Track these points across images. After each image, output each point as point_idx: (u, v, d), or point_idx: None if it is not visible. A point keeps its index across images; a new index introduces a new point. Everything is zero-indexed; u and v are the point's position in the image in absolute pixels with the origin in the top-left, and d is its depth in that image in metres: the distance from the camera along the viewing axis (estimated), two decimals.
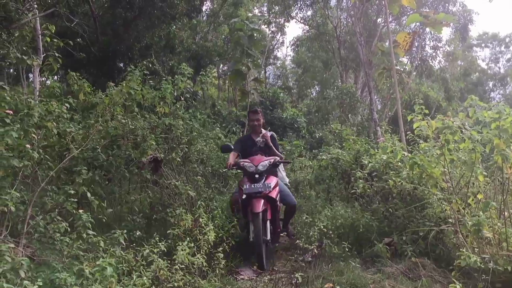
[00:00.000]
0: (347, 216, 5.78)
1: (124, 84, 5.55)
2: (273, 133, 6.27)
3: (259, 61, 11.01)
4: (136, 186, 6.04)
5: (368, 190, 5.84)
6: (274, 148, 5.96)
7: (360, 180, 5.85)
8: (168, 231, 4.50)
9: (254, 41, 10.78)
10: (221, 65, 31.10)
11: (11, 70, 17.77)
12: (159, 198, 5.75)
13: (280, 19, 29.54)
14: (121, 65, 19.58)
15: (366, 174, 6.05)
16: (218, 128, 9.07)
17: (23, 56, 7.82)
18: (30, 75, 16.09)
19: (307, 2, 26.11)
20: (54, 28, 8.55)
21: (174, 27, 18.52)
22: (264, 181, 5.24)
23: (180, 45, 20.13)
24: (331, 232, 5.19)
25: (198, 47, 21.31)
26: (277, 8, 27.79)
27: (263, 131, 6.12)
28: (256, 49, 10.60)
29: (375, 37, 20.50)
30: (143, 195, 5.88)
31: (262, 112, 6.27)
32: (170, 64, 19.27)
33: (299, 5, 26.57)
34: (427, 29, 21.52)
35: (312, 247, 4.66)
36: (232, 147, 5.95)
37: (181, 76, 6.39)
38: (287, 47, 52.33)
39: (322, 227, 5.04)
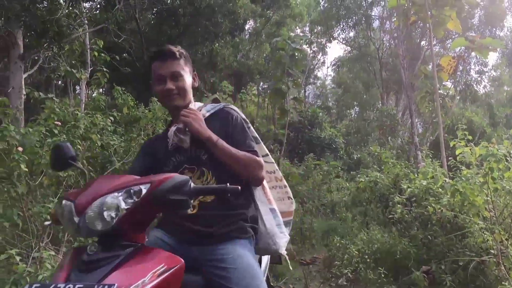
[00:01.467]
0: (384, 241, 5.65)
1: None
2: (229, 107, 2.38)
3: (299, 80, 11.01)
4: None
5: (407, 215, 5.70)
6: (221, 148, 2.13)
7: (399, 205, 5.73)
8: None
9: (295, 61, 10.83)
10: (261, 83, 31.32)
11: (59, 82, 18.46)
12: None
13: (322, 39, 29.61)
14: None
15: (405, 199, 5.92)
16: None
17: (72, 69, 8.14)
18: (77, 88, 16.68)
19: (350, 24, 26.10)
20: (103, 43, 8.88)
21: (217, 44, 18.85)
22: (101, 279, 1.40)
23: (222, 62, 20.44)
24: (366, 256, 5.09)
25: (239, 65, 21.59)
26: (319, 28, 27.88)
27: (195, 105, 2.35)
28: (297, 69, 10.60)
29: (419, 60, 20.21)
30: None
31: (187, 56, 2.35)
32: (212, 81, 19.60)
33: (341, 26, 26.58)
34: (473, 53, 21.08)
35: (347, 271, 4.58)
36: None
37: (222, 93, 6.46)
38: (328, 67, 52.28)
39: (357, 251, 4.95)
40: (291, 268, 2.63)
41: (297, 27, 27.38)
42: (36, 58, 9.58)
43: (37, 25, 7.56)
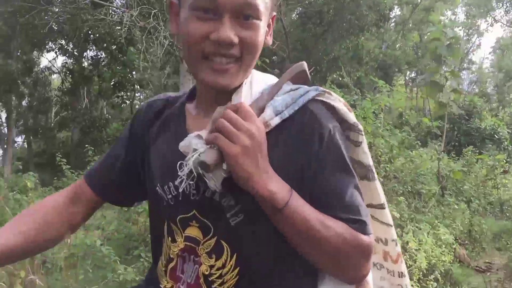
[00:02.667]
0: None
1: None
2: (325, 102, 0.98)
3: (457, 70, 10.32)
4: None
5: None
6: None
7: None
8: None
9: (452, 50, 10.15)
10: (408, 72, 30.03)
11: None
12: None
13: (479, 21, 27.31)
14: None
15: None
16: (420, 147, 8.69)
17: None
18: None
19: None
20: None
21: (362, 38, 18.53)
22: None
23: (367, 55, 20.04)
24: None
25: (385, 56, 20.95)
26: (474, 10, 25.77)
27: (252, 83, 1.01)
28: (454, 58, 9.94)
29: None
30: None
31: None
32: (357, 76, 19.31)
33: (505, 7, 24.23)
34: None
35: None
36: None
37: (379, 93, 6.32)
38: (485, 50, 48.05)
39: None
40: None
41: (447, 10, 25.64)
42: None
43: None
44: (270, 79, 1.05)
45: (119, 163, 1.14)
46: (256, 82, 1.01)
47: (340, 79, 17.54)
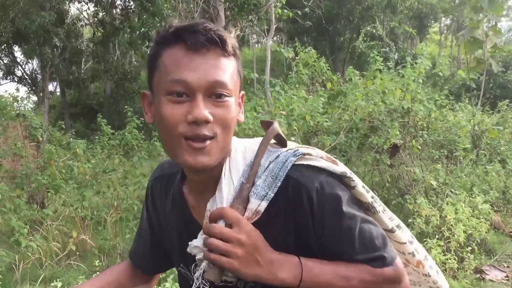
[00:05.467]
0: None
1: (367, 76, 5.72)
2: (304, 166, 0.99)
3: (498, 26, 9.93)
4: (372, 168, 6.24)
5: None
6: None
7: None
8: (409, 220, 4.62)
9: (494, 4, 9.72)
10: (443, 19, 28.93)
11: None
12: (392, 182, 5.87)
13: None
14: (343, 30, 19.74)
15: None
16: (458, 112, 8.50)
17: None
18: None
19: None
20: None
21: None
22: None
23: (402, 3, 19.35)
24: None
25: (421, 4, 20.20)
26: None
27: (231, 158, 1.05)
28: (496, 13, 9.57)
29: None
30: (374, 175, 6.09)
31: (239, 55, 1.02)
32: (391, 26, 18.77)
33: None
34: None
35: None
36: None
37: (424, 59, 6.15)
38: None
39: None
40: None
41: None
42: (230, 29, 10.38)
43: None
44: (250, 150, 1.04)
45: (149, 244, 1.27)
46: (234, 164, 1.02)
47: (373, 31, 17.14)
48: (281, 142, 1.06)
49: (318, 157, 1.01)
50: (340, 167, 1.02)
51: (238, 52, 1.00)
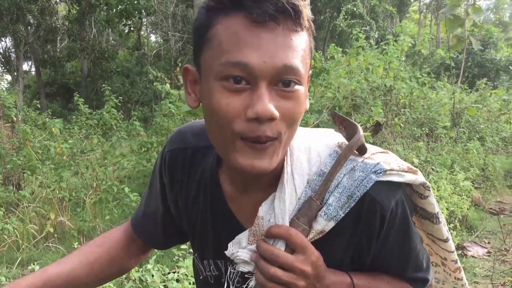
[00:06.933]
0: None
1: (350, 53, 5.66)
2: (384, 186, 0.85)
3: (478, 4, 9.96)
4: None
5: None
6: None
7: None
8: None
9: None
10: None
11: None
12: None
13: None
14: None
15: None
16: (442, 91, 8.51)
17: None
18: None
19: None
20: None
21: None
22: None
23: None
24: None
25: None
26: None
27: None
28: None
29: None
30: None
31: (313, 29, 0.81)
32: (371, 4, 18.68)
33: None
34: None
35: None
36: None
37: (406, 36, 6.11)
38: None
39: None
40: None
41: None
42: None
43: None
44: (315, 152, 0.88)
45: (160, 218, 1.10)
46: (297, 166, 0.87)
47: (354, 9, 17.05)
48: (360, 150, 0.87)
49: (401, 171, 0.87)
50: (420, 177, 0.90)
51: (312, 25, 0.80)
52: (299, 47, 0.76)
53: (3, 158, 5.84)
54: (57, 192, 5.32)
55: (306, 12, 0.76)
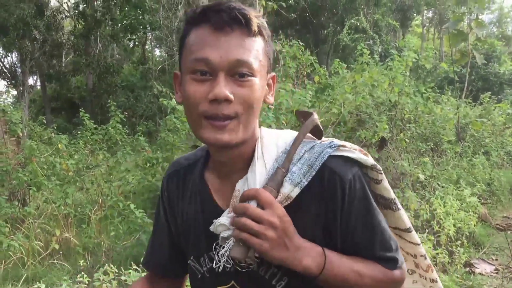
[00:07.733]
0: None
1: (355, 69, 5.67)
2: (340, 156, 1.01)
3: (482, 20, 9.98)
4: None
5: None
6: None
7: None
8: None
9: None
10: (425, 12, 29.11)
11: None
12: None
13: None
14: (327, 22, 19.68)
15: None
16: (446, 106, 8.50)
17: None
18: None
19: None
20: None
21: None
22: None
23: None
24: None
25: None
26: None
27: (263, 141, 1.05)
28: (480, 6, 9.58)
29: None
30: None
31: (269, 35, 1.02)
32: (375, 18, 18.77)
33: None
34: None
35: None
36: None
37: (410, 52, 6.11)
38: None
39: None
40: None
41: None
42: None
43: None
44: (282, 139, 1.05)
45: (167, 247, 1.20)
46: (267, 149, 1.02)
47: (358, 24, 17.13)
48: (317, 134, 1.04)
49: (352, 149, 1.02)
50: (370, 159, 1.03)
51: (265, 32, 0.99)
52: (251, 48, 0.95)
53: (9, 174, 5.84)
54: (62, 208, 5.31)
55: (257, 21, 0.95)
